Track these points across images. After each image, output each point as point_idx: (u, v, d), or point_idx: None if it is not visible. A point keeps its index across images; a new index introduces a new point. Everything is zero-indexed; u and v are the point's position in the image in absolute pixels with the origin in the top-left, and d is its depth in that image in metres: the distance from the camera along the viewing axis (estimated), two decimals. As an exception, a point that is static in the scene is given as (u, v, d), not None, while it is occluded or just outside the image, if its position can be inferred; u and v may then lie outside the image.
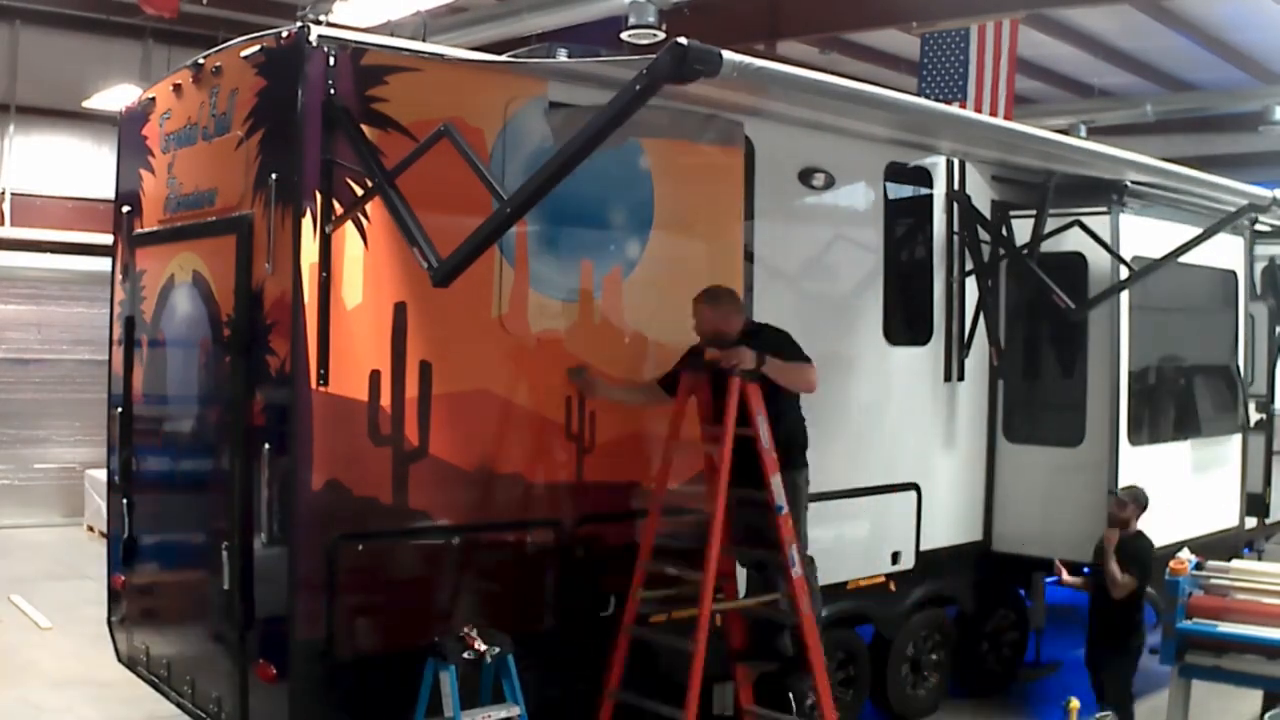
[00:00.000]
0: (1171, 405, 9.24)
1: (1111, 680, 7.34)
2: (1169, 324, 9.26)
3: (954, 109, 11.04)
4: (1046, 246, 8.31)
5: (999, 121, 9.12)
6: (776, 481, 6.00)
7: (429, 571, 5.81)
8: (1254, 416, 10.60)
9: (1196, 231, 8.49)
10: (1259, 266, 11.32)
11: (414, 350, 5.64)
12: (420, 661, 5.55)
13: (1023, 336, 8.75)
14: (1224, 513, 9.82)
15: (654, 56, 4.57)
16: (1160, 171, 8.09)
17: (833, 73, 5.79)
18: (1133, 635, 7.33)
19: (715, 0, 13.00)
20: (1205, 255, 8.89)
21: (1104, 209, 8.42)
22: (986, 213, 8.41)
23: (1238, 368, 10.11)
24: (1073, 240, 8.52)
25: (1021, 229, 8.43)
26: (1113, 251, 8.31)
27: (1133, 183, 8.38)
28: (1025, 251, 8.25)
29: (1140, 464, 8.41)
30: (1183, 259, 8.48)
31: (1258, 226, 10.21)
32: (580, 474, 6.24)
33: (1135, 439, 8.51)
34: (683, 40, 4.53)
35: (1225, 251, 9.63)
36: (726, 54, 4.66)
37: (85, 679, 8.55)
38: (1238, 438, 10.08)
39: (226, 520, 5.72)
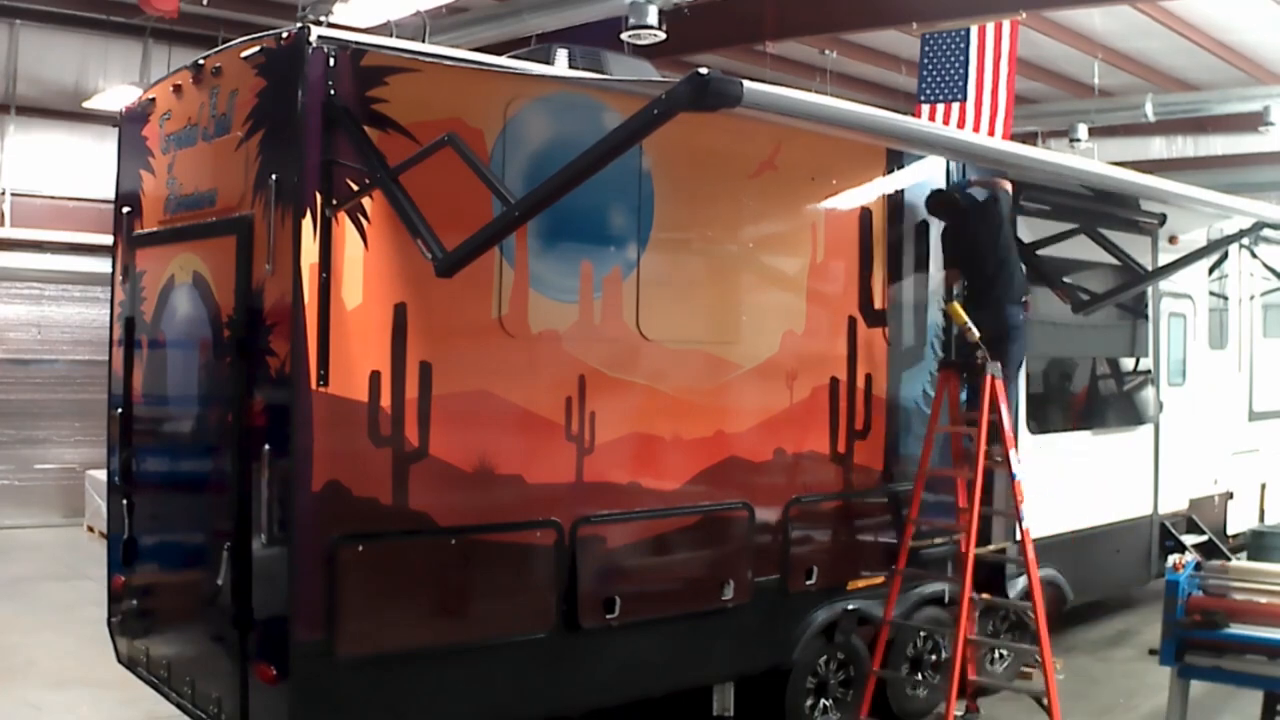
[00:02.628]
0: (1075, 398, 9.35)
1: None
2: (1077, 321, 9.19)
3: (972, 137, 10.98)
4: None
5: (1010, 146, 9.09)
6: (1014, 455, 7.43)
7: (428, 572, 5.81)
8: None
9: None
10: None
11: (414, 351, 5.64)
12: (418, 661, 5.58)
13: None
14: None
15: (673, 83, 4.57)
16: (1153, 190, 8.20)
17: (832, 72, 5.81)
18: None
19: (715, 0, 13.00)
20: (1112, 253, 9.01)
21: None
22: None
23: (1148, 362, 10.22)
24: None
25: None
26: None
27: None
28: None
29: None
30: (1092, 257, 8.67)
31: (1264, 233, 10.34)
32: (580, 474, 6.24)
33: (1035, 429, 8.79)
34: (703, 71, 4.52)
35: (1134, 248, 9.50)
36: (748, 85, 4.63)
37: (85, 679, 8.55)
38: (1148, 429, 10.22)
39: (226, 521, 5.72)
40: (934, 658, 8.22)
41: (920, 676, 8.13)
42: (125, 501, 6.92)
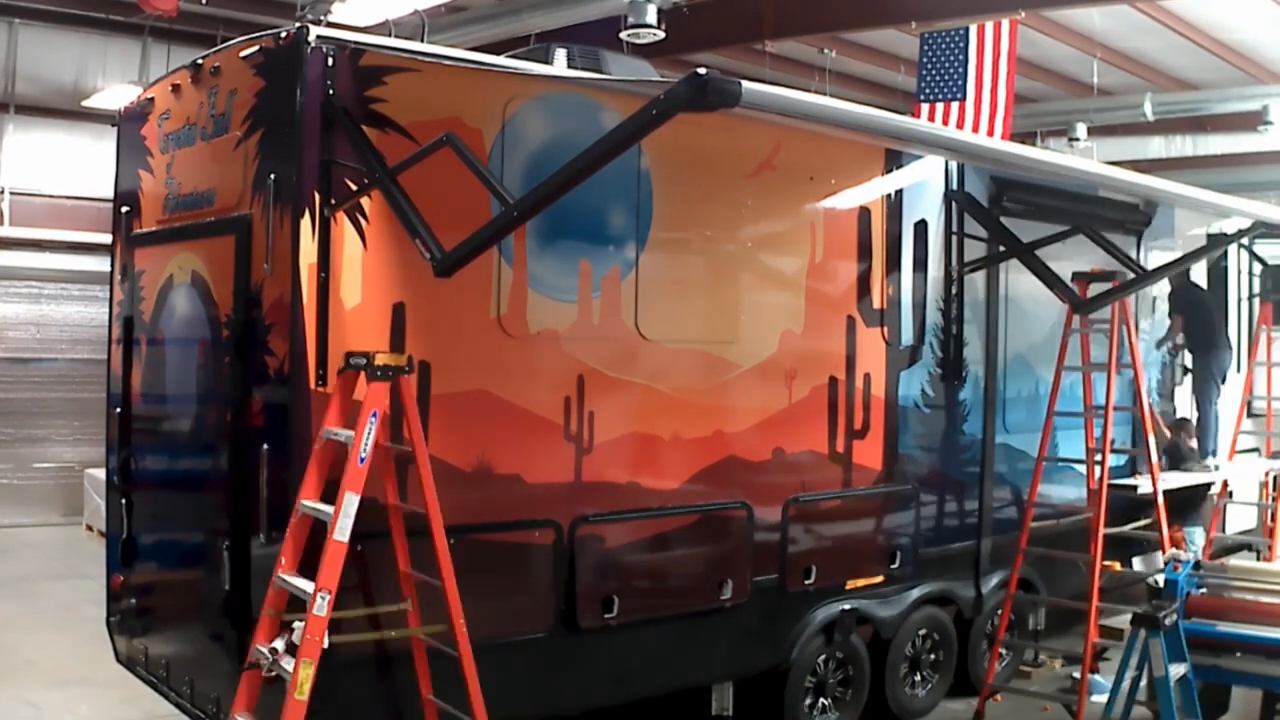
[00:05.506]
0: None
1: None
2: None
3: (974, 137, 10.94)
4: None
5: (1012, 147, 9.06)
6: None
7: (426, 572, 5.80)
8: None
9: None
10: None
11: (412, 350, 5.63)
12: (415, 662, 5.61)
13: None
14: None
15: (672, 83, 4.57)
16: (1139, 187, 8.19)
17: (831, 71, 5.80)
18: None
19: (715, 0, 13.00)
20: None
21: None
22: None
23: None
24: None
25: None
26: None
27: None
28: None
29: None
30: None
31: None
32: (579, 474, 6.24)
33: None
34: (701, 71, 4.52)
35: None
36: (747, 85, 4.63)
37: (84, 678, 8.55)
38: None
39: (225, 520, 5.73)
40: (933, 657, 8.23)
41: (919, 676, 8.14)
42: (124, 500, 6.92)
